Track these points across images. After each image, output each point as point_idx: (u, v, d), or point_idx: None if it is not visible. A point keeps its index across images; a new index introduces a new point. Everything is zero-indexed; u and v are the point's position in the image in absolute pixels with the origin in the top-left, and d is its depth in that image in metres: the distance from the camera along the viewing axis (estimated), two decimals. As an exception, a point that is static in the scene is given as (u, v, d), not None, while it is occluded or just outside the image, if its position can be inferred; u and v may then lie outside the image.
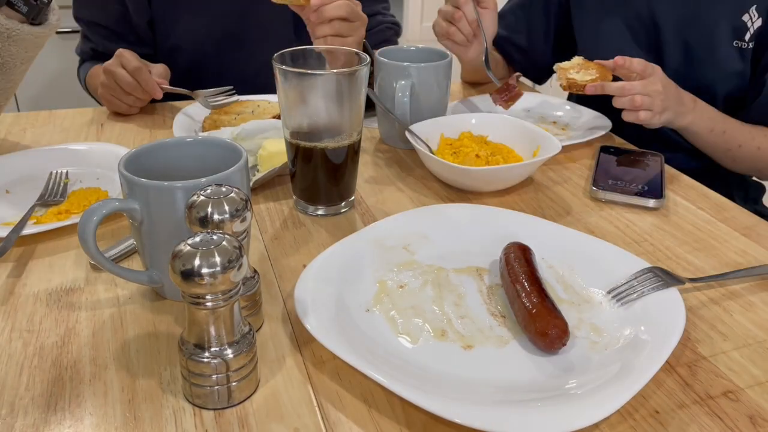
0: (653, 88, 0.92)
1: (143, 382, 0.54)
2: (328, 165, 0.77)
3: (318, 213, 0.81)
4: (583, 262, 0.68)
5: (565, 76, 0.98)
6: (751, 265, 0.71)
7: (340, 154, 0.77)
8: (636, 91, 0.92)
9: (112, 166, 0.89)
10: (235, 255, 0.47)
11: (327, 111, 0.75)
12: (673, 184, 0.90)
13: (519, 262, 0.63)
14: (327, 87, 0.73)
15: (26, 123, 1.07)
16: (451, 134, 0.93)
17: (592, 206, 0.84)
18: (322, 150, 0.75)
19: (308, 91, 0.73)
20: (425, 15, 3.81)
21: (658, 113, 0.93)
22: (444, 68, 0.97)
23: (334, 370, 0.56)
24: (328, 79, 0.73)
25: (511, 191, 0.87)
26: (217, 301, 0.47)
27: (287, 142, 0.77)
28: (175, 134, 0.96)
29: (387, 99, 0.97)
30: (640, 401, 0.53)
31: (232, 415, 0.51)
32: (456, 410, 0.48)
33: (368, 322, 0.60)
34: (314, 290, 0.61)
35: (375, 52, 0.99)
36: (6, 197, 0.83)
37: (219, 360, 0.49)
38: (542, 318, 0.56)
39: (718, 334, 0.61)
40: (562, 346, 0.57)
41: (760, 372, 0.57)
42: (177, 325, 0.61)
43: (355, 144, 0.78)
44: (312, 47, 0.79)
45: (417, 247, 0.71)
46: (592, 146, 1.01)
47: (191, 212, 0.53)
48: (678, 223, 0.80)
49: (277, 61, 0.73)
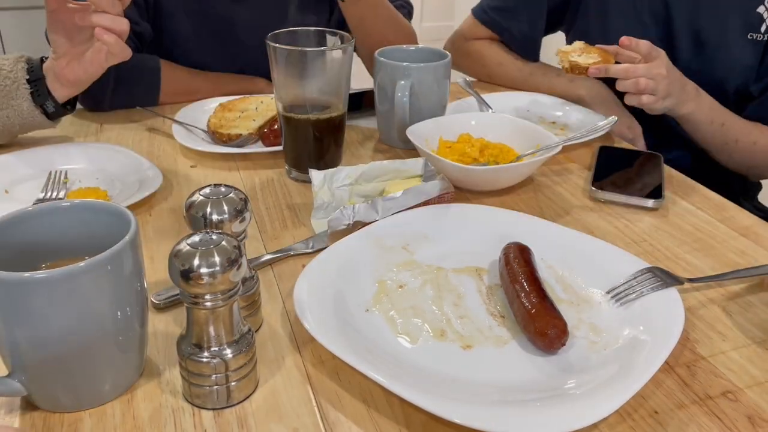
0: (658, 72, 0.92)
1: (142, 381, 0.54)
2: (316, 135, 0.86)
3: (307, 180, 0.85)
4: (582, 262, 0.68)
5: (567, 59, 0.97)
6: (750, 264, 0.71)
7: (327, 125, 0.86)
8: (640, 74, 0.92)
9: (112, 166, 0.89)
10: (234, 255, 0.47)
11: (315, 86, 0.84)
12: (672, 184, 0.91)
13: (518, 262, 0.63)
14: (315, 63, 0.82)
15: (25, 122, 1.07)
16: (450, 137, 0.93)
17: (592, 206, 0.84)
18: (311, 121, 0.85)
19: (298, 68, 0.82)
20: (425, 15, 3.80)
21: (661, 98, 0.93)
22: (443, 68, 0.97)
23: (334, 370, 0.56)
24: (315, 55, 0.81)
25: (510, 191, 0.87)
26: (217, 301, 0.47)
27: (280, 114, 0.86)
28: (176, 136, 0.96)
29: (386, 99, 0.97)
30: (639, 401, 0.53)
31: (231, 415, 0.51)
32: (455, 410, 0.48)
33: (367, 322, 0.60)
34: (313, 290, 0.61)
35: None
36: (5, 197, 0.83)
37: (218, 360, 0.49)
38: (541, 318, 0.56)
39: (717, 335, 0.61)
40: (562, 346, 0.57)
41: (759, 372, 0.57)
42: (176, 325, 0.61)
43: (341, 116, 0.87)
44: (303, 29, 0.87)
45: (416, 247, 0.71)
46: (591, 146, 1.01)
47: (190, 212, 0.53)
48: (677, 223, 0.80)
49: (271, 40, 0.82)
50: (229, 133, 0.97)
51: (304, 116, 0.85)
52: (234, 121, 1.00)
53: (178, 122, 1.00)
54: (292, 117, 0.85)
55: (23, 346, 0.48)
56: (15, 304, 0.45)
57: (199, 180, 0.89)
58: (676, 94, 0.94)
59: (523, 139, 0.93)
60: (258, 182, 0.89)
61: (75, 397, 0.51)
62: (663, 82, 0.92)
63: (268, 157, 0.95)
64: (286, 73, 0.83)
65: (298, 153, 0.88)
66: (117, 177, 0.87)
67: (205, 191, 0.54)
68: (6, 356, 0.49)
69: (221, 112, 1.03)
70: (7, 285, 0.45)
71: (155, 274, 0.68)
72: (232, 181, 0.89)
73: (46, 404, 0.51)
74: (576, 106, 1.13)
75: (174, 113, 1.04)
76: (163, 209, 0.81)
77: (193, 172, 0.91)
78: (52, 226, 0.53)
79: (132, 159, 0.89)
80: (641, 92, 0.92)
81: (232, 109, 1.04)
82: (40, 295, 0.45)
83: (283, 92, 0.85)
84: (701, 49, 1.07)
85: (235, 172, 0.91)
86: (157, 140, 1.01)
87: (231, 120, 1.01)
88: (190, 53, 1.22)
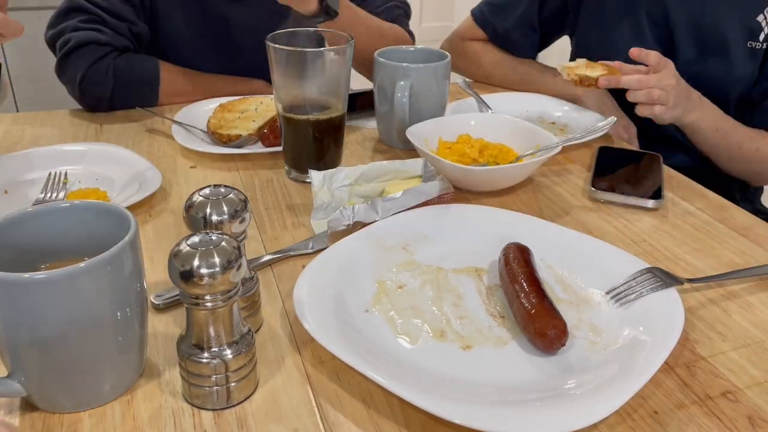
0: (668, 82, 0.92)
1: (142, 382, 0.54)
2: (315, 135, 0.86)
3: (307, 180, 0.87)
4: (581, 263, 0.68)
5: (574, 73, 0.97)
6: (749, 265, 0.72)
7: (327, 125, 0.86)
8: (652, 84, 0.92)
9: (111, 166, 0.89)
10: (234, 255, 0.47)
11: (315, 86, 0.84)
12: (671, 184, 0.91)
13: (518, 263, 0.63)
14: (315, 64, 0.82)
15: (25, 123, 1.07)
16: (449, 137, 0.93)
17: (591, 206, 0.84)
18: (310, 121, 0.85)
19: (298, 68, 0.82)
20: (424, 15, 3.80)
21: (671, 108, 0.94)
22: (443, 69, 0.97)
23: (333, 371, 0.56)
24: (315, 56, 0.82)
25: (510, 191, 0.87)
26: (216, 302, 0.47)
27: (280, 115, 0.86)
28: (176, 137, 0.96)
29: (386, 99, 0.97)
30: (638, 401, 0.53)
31: (231, 416, 0.51)
32: (455, 410, 0.48)
33: (367, 323, 0.60)
34: (313, 291, 0.61)
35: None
36: (5, 198, 0.83)
37: (218, 360, 0.49)
38: (541, 318, 0.56)
39: (717, 335, 0.61)
40: (561, 347, 0.57)
41: (759, 372, 0.57)
42: (176, 325, 0.61)
43: (340, 117, 0.87)
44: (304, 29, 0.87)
45: (416, 247, 0.71)
46: (591, 146, 1.01)
47: (190, 212, 0.53)
48: (677, 224, 0.80)
49: (270, 40, 0.82)
50: (229, 133, 0.97)
51: (303, 117, 0.85)
52: (234, 121, 1.00)
53: (177, 123, 1.00)
54: (292, 117, 0.85)
55: (23, 346, 0.48)
56: (14, 304, 0.45)
57: (198, 181, 0.89)
58: (682, 104, 0.95)
59: (522, 140, 0.93)
60: (258, 183, 0.89)
61: (74, 398, 0.51)
62: (673, 92, 0.93)
63: (268, 157, 0.95)
64: (285, 73, 0.83)
65: (297, 153, 0.88)
66: (117, 178, 0.87)
67: (205, 192, 0.54)
68: (6, 357, 0.49)
69: (221, 113, 1.03)
70: (6, 285, 0.45)
71: (155, 274, 0.68)
72: (232, 181, 0.89)
73: (45, 405, 0.51)
74: (575, 107, 1.13)
75: (174, 114, 1.04)
76: (162, 210, 0.81)
77: (192, 173, 0.91)
78: (51, 226, 0.53)
79: (132, 160, 0.89)
80: (654, 103, 0.92)
81: (232, 109, 1.04)
82: (39, 295, 0.45)
83: (283, 93, 0.85)
84: (701, 57, 1.08)
85: (234, 173, 0.91)
86: (156, 141, 1.01)
87: (231, 121, 1.01)
88: (186, 54, 1.22)
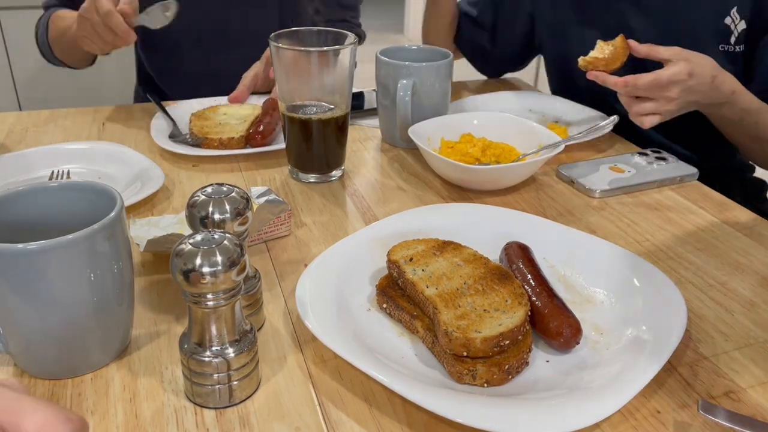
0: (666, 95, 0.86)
1: (144, 380, 0.54)
2: (318, 135, 0.86)
3: (310, 180, 0.89)
4: (584, 262, 0.68)
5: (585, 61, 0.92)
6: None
7: (330, 124, 0.85)
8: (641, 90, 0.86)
9: (114, 165, 0.90)
10: (236, 254, 0.47)
11: (318, 85, 0.84)
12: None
13: (523, 261, 0.63)
14: (318, 63, 0.82)
15: (28, 122, 1.07)
16: (452, 136, 0.93)
17: (594, 206, 0.84)
18: (313, 120, 0.84)
19: (301, 68, 0.82)
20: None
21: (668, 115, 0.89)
22: (446, 67, 0.97)
23: (336, 369, 0.56)
24: (318, 55, 0.81)
25: (512, 190, 0.87)
26: (219, 301, 0.47)
27: (283, 114, 0.86)
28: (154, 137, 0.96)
29: (388, 98, 0.97)
30: (641, 401, 0.53)
31: (234, 414, 0.51)
32: (457, 409, 0.48)
33: (369, 322, 0.60)
34: (315, 289, 0.61)
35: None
36: (8, 196, 0.83)
37: (220, 359, 0.49)
38: (556, 318, 0.56)
39: (720, 334, 0.61)
40: (576, 345, 0.57)
41: (762, 372, 0.56)
42: (178, 324, 0.61)
43: (343, 116, 0.86)
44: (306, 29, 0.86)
45: (418, 246, 0.71)
46: (593, 145, 1.01)
47: (192, 211, 0.53)
48: (679, 223, 0.80)
49: (273, 39, 0.82)
50: (220, 137, 0.96)
51: (306, 116, 0.85)
52: (216, 127, 0.99)
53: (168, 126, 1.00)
54: (295, 117, 0.85)
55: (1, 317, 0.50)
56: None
57: (201, 179, 0.89)
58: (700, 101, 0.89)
59: (525, 139, 0.93)
60: (260, 182, 0.89)
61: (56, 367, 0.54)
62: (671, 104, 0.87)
63: (270, 156, 0.95)
64: (288, 72, 0.83)
65: (300, 153, 0.88)
66: (119, 176, 0.87)
67: (207, 190, 0.54)
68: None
69: (198, 121, 1.01)
70: None
71: (156, 272, 0.68)
72: (234, 180, 0.89)
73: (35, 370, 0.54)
74: (578, 106, 1.12)
75: (173, 113, 1.04)
76: (165, 209, 0.81)
77: (194, 172, 0.91)
78: (43, 205, 0.54)
79: (134, 158, 0.90)
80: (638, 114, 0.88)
81: (207, 118, 1.03)
82: (14, 268, 0.47)
83: (286, 92, 0.85)
84: None
85: (237, 173, 0.91)
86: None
87: (213, 127, 0.99)
88: (182, 57, 1.23)
